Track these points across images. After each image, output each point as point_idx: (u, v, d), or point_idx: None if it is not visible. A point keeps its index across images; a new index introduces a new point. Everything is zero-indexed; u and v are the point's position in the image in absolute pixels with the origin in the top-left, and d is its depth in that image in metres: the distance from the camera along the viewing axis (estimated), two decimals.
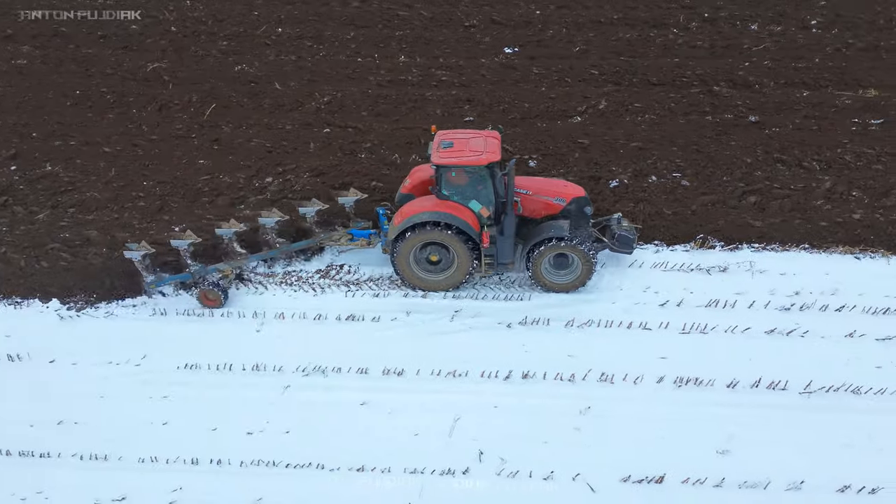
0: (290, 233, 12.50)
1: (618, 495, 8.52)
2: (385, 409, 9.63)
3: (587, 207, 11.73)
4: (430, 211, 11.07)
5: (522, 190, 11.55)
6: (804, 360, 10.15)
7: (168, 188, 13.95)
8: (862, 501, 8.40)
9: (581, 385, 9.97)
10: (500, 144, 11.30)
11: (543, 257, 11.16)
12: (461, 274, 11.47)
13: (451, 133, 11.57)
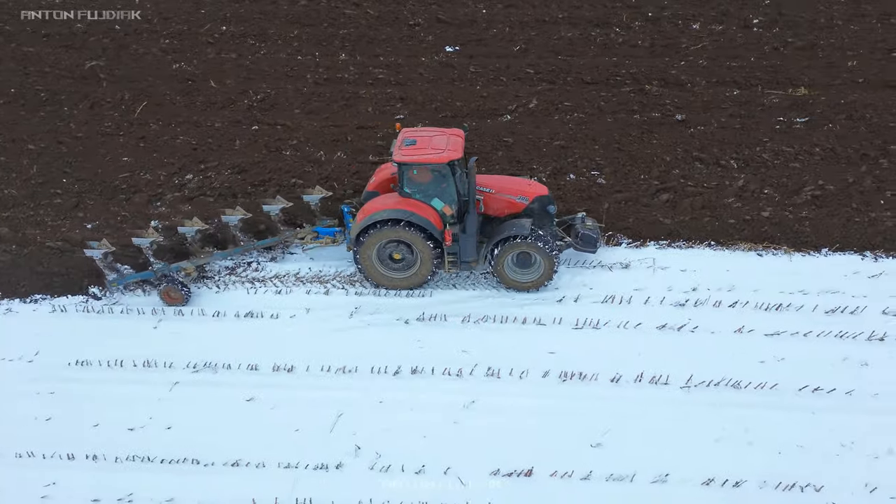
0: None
1: (486, 488, 8.62)
2: (270, 404, 9.70)
3: (550, 206, 11.74)
4: (391, 209, 11.11)
5: (485, 188, 11.59)
6: (690, 355, 10.25)
7: (87, 185, 14.00)
8: (725, 494, 8.51)
9: (468, 380, 10.06)
10: (463, 143, 11.32)
11: (505, 256, 11.21)
12: (424, 272, 11.48)
13: (416, 131, 11.62)
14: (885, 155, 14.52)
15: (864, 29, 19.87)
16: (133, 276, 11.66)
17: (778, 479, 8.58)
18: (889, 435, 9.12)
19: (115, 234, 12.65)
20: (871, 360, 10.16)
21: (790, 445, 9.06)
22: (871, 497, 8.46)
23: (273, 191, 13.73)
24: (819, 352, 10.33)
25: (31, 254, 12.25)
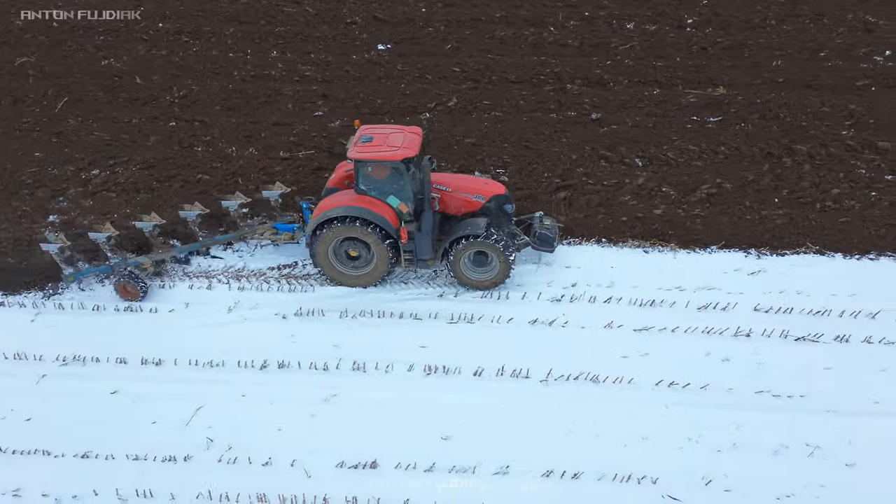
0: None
1: (330, 480, 8.73)
2: (132, 397, 9.82)
3: (507, 205, 11.71)
4: (346, 205, 11.09)
5: (442, 187, 11.59)
6: (555, 350, 10.38)
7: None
8: (562, 486, 8.62)
9: (334, 374, 10.17)
10: (420, 140, 11.24)
11: (461, 255, 11.24)
12: (381, 269, 11.47)
13: (374, 128, 11.53)
14: (789, 154, 14.63)
15: (795, 29, 19.97)
16: (89, 269, 11.71)
17: (616, 471, 8.70)
18: (735, 429, 9.25)
19: (13, 229, 12.80)
20: (732, 356, 10.29)
21: (636, 438, 9.17)
22: (706, 489, 8.57)
23: (233, 187, 13.68)
24: (683, 347, 10.45)
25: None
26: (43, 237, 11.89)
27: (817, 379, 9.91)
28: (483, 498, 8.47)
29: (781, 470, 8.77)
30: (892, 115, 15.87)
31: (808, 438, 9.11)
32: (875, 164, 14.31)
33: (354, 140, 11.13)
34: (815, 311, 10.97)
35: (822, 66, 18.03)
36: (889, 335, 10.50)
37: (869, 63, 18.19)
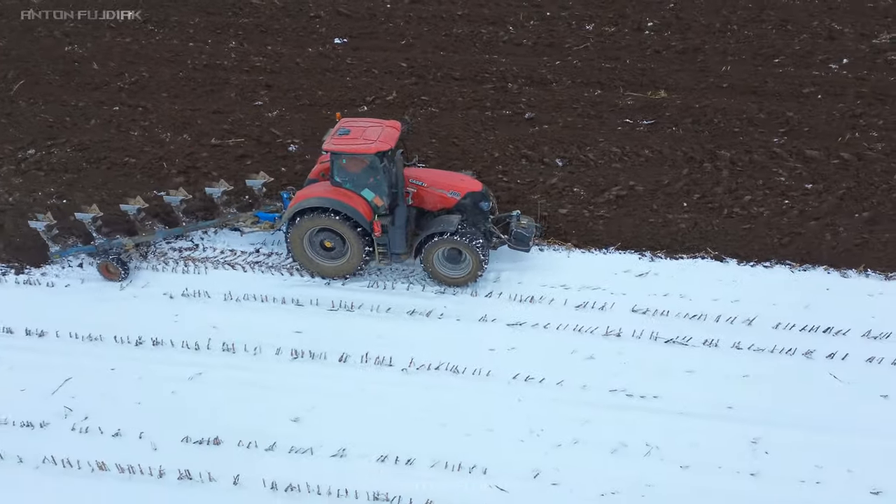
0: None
1: (174, 454, 9.02)
2: (8, 366, 10.26)
3: (484, 202, 11.67)
4: (319, 196, 11.21)
5: (418, 181, 11.64)
6: (423, 340, 10.54)
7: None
8: (395, 470, 8.78)
9: (204, 353, 10.48)
10: (397, 135, 11.26)
11: (433, 251, 11.28)
12: (354, 262, 11.56)
13: (353, 121, 11.62)
14: (712, 159, 14.52)
15: (756, 35, 19.71)
16: (76, 248, 12.11)
17: (449, 460, 8.84)
18: (580, 426, 9.31)
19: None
20: (597, 354, 10.34)
21: (480, 429, 9.30)
22: (533, 482, 8.67)
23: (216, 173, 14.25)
24: (551, 343, 10.54)
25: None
26: (32, 215, 12.25)
27: (676, 381, 9.91)
28: (317, 479, 8.68)
29: (614, 467, 8.82)
30: (828, 124, 15.64)
31: (649, 438, 9.14)
32: (797, 173, 14.13)
33: (332, 132, 11.26)
34: (692, 314, 10.94)
35: (772, 73, 17.80)
36: (759, 342, 10.44)
37: (822, 70, 17.89)
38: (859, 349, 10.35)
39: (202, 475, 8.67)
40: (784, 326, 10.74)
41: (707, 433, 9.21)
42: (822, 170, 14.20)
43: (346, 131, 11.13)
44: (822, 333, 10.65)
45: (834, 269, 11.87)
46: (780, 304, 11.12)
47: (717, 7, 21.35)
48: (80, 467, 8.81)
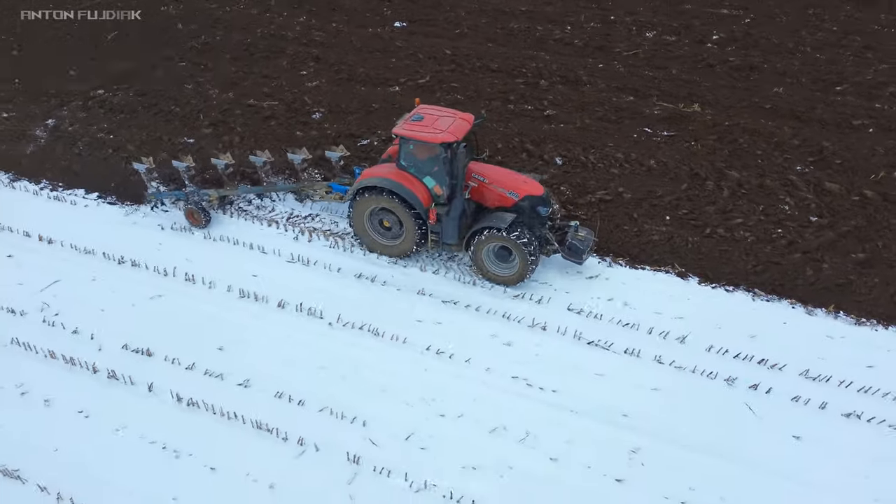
0: None
1: (113, 356, 10.23)
2: (15, 261, 12.02)
3: (542, 208, 11.49)
4: (381, 177, 11.47)
5: (480, 177, 11.60)
6: (362, 302, 11.18)
7: None
8: (288, 406, 9.47)
9: (169, 279, 11.67)
10: (467, 128, 11.17)
11: (483, 246, 11.31)
12: (408, 244, 11.78)
13: (429, 108, 11.62)
14: (719, 178, 13.95)
15: (828, 59, 18.48)
16: (168, 193, 13.27)
17: (336, 408, 9.43)
18: (471, 402, 9.57)
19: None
20: (516, 343, 10.46)
21: (375, 388, 9.77)
22: (405, 442, 9.02)
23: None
24: (475, 325, 10.79)
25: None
26: (136, 157, 13.69)
27: (581, 381, 9.89)
28: (217, 401, 9.59)
29: (485, 445, 9.04)
30: (866, 160, 14.52)
31: (530, 427, 9.25)
32: (805, 204, 13.28)
33: (407, 117, 11.41)
34: (626, 322, 10.80)
35: (827, 100, 16.67)
36: (684, 360, 10.14)
37: (887, 104, 16.53)
38: (788, 387, 9.79)
39: (126, 378, 9.87)
40: (717, 350, 10.35)
41: (589, 434, 9.18)
42: (835, 204, 13.27)
43: (420, 118, 11.20)
44: (756, 364, 10.15)
45: (801, 304, 11.20)
46: (724, 329, 10.69)
47: (797, 27, 20.22)
48: (36, 352, 10.29)
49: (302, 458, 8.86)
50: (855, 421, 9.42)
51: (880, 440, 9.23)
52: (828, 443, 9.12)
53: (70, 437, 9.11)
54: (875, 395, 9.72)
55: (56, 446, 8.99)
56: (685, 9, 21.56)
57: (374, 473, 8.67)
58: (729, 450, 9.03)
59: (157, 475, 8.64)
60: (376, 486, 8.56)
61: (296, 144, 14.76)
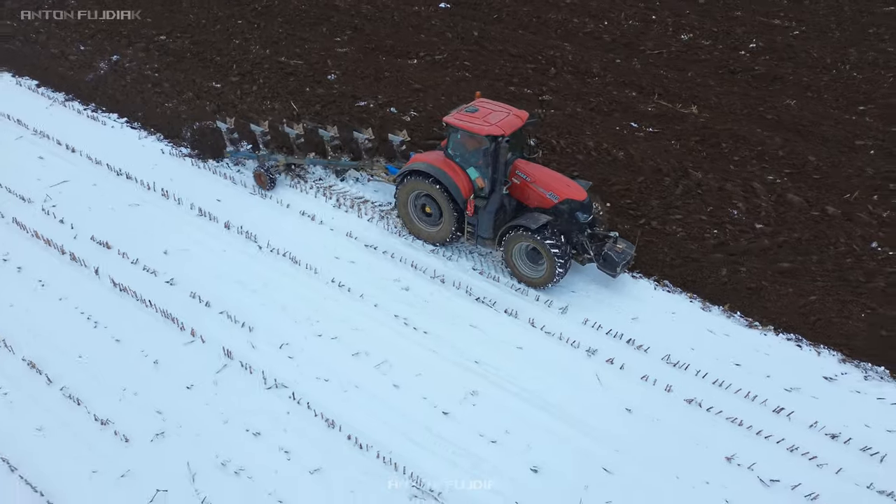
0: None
1: (82, 244, 12.23)
2: (43, 162, 14.45)
3: (581, 213, 11.14)
4: (426, 163, 11.56)
5: (523, 175, 11.38)
6: (291, 232, 12.53)
7: None
8: (197, 306, 11.04)
9: (152, 193, 13.65)
10: (518, 125, 11.03)
11: (514, 244, 11.20)
12: (444, 233, 11.89)
13: (486, 102, 11.53)
14: (680, 177, 13.94)
15: (866, 79, 17.56)
16: (243, 153, 14.30)
17: (237, 315, 10.85)
18: (350, 332, 10.63)
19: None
20: (433, 300, 11.44)
21: (276, 306, 11.09)
22: (279, 350, 10.29)
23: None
24: (381, 271, 11.84)
25: None
26: (222, 117, 14.91)
27: (453, 328, 10.64)
28: (145, 291, 11.21)
29: (344, 364, 10.05)
30: (848, 179, 13.97)
31: (391, 357, 10.14)
32: (758, 212, 13.05)
33: (462, 108, 11.43)
34: (517, 287, 11.39)
35: (839, 118, 15.96)
36: (556, 327, 10.63)
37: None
38: (643, 367, 10.04)
39: (82, 261, 11.85)
40: (593, 324, 10.72)
41: (439, 372, 9.97)
42: (789, 216, 12.94)
43: (475, 109, 11.19)
44: (624, 342, 10.44)
45: (700, 299, 11.23)
46: (611, 308, 11.02)
47: (848, 45, 19.22)
48: (26, 232, 12.54)
49: (189, 346, 10.36)
50: (695, 408, 9.57)
51: (707, 426, 9.35)
52: (655, 421, 9.37)
53: (25, 298, 11.18)
54: (727, 389, 9.77)
55: (11, 303, 11.11)
56: (735, 16, 21.04)
57: (240, 368, 10.02)
58: (558, 407, 9.51)
59: (75, 335, 10.47)
60: (237, 378, 9.88)
61: (305, 98, 16.42)
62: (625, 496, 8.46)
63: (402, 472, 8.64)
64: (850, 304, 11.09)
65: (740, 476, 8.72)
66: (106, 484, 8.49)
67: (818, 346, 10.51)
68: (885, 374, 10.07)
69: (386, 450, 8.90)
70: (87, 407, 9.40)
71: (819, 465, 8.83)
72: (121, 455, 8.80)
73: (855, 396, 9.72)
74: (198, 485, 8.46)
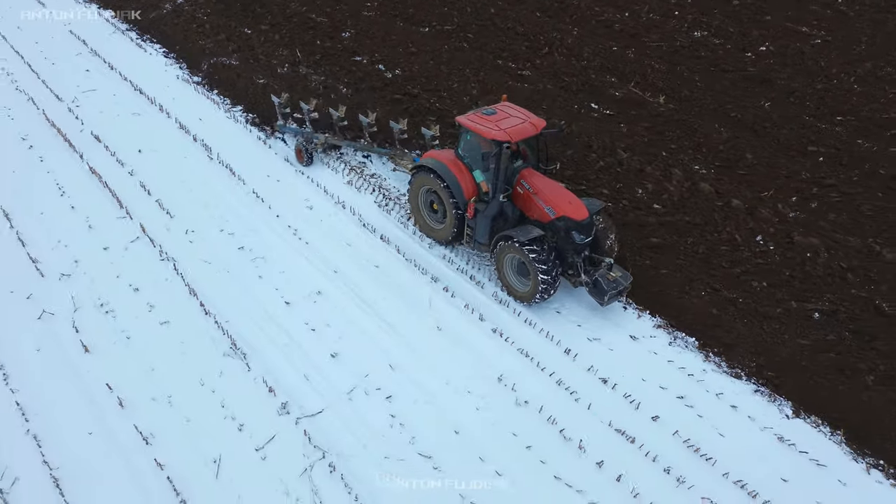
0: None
1: (83, 138, 15.13)
2: (90, 77, 17.59)
3: (577, 234, 10.67)
4: (435, 160, 11.61)
5: (527, 185, 11.09)
6: (276, 188, 14.67)
7: None
8: (163, 221, 13.39)
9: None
10: (531, 133, 10.84)
11: (504, 254, 10.98)
12: (445, 232, 11.88)
13: (508, 106, 11.37)
14: (606, 154, 14.49)
15: (864, 92, 16.88)
16: (290, 129, 15.10)
17: (197, 228, 13.15)
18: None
19: None
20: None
21: (252, 233, 13.28)
22: (225, 274, 12.45)
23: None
24: (338, 227, 13.64)
25: None
26: (276, 91, 16.12)
27: (374, 282, 12.01)
28: (110, 178, 13.82)
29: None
30: (778, 178, 13.90)
31: (310, 288, 12.01)
32: (661, 194, 13.43)
33: (480, 109, 11.38)
34: (416, 232, 12.76)
35: (809, 124, 15.67)
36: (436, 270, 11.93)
37: (869, 141, 15.00)
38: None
39: (76, 148, 14.73)
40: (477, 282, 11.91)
41: (332, 302, 11.64)
42: (692, 201, 13.23)
43: (492, 112, 11.08)
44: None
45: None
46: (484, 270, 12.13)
47: (870, 59, 18.45)
48: (47, 121, 15.67)
49: (119, 220, 12.78)
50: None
51: (493, 351, 10.38)
52: (458, 341, 10.54)
53: (24, 168, 14.23)
54: (533, 327, 10.68)
55: (14, 169, 14.16)
56: (762, 20, 20.57)
57: (148, 242, 12.28)
58: (389, 323, 10.83)
59: (45, 199, 13.29)
60: (143, 248, 12.16)
61: (312, 50, 18.53)
62: (396, 387, 9.77)
63: (229, 336, 10.48)
64: (696, 282, 11.47)
65: (501, 392, 9.75)
66: (18, 302, 11.05)
67: (644, 311, 11.07)
68: (693, 345, 10.50)
69: (223, 319, 10.79)
70: (29, 247, 12.09)
71: (576, 399, 9.64)
72: (36, 285, 11.35)
73: (649, 356, 10.28)
74: (77, 315, 10.79)
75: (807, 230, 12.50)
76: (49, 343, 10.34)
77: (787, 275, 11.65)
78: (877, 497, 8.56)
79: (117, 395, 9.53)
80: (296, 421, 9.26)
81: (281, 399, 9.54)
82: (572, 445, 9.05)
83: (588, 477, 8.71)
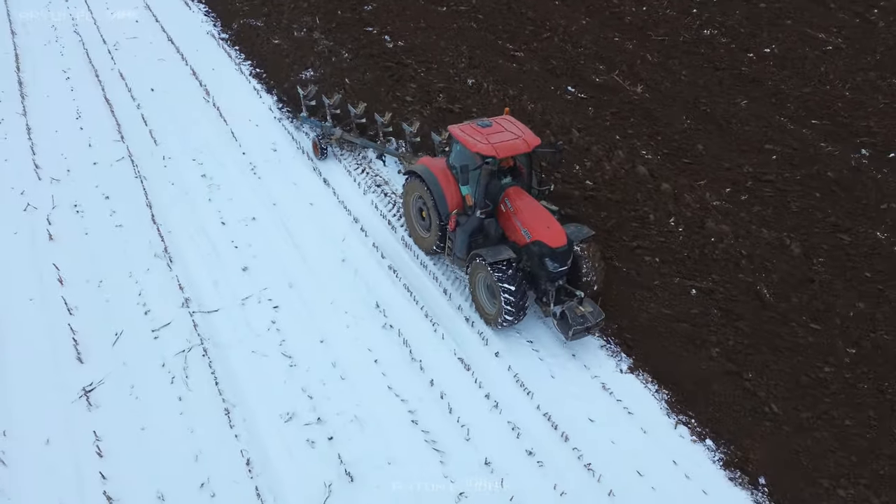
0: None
1: (113, 78, 17.47)
2: (129, 50, 20.06)
3: (550, 261, 10.14)
4: (425, 167, 11.44)
5: (510, 205, 10.73)
6: (276, 178, 16.49)
7: None
8: (149, 163, 15.54)
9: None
10: (521, 150, 10.47)
11: (476, 273, 10.63)
12: (430, 242, 11.72)
13: (506, 121, 11.01)
14: (561, 133, 15.13)
15: (852, 99, 16.53)
16: (310, 120, 15.43)
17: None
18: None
19: None
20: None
21: (238, 208, 15.18)
22: (204, 241, 14.37)
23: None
24: (329, 218, 15.28)
25: None
26: (302, 83, 16.65)
27: (322, 243, 13.77)
28: (121, 108, 16.09)
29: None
30: (715, 170, 14.08)
31: (256, 250, 13.71)
32: (593, 172, 13.94)
33: (477, 120, 11.11)
34: (386, 203, 14.11)
35: (779, 124, 15.63)
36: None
37: (836, 145, 14.79)
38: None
39: (101, 82, 17.12)
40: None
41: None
42: (622, 181, 13.60)
43: (488, 124, 10.78)
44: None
45: None
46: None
47: (871, 68, 18.04)
48: (88, 60, 18.21)
49: (115, 143, 14.95)
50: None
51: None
52: (356, 273, 11.77)
53: (58, 91, 16.81)
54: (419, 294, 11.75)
55: (48, 94, 16.69)
56: (782, 24, 20.23)
57: (130, 163, 14.33)
58: (305, 247, 12.24)
59: (61, 117, 15.72)
60: (125, 167, 14.22)
61: (330, 19, 20.17)
62: (286, 301, 11.19)
63: (164, 242, 12.26)
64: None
65: (372, 316, 10.95)
66: (13, 196, 13.32)
67: None
68: None
69: (166, 229, 12.61)
70: (37, 156, 14.45)
71: (442, 336, 10.67)
72: (33, 185, 13.60)
73: None
74: (54, 212, 12.92)
75: (723, 218, 12.75)
76: (24, 230, 12.54)
77: (684, 255, 12.03)
78: (670, 448, 9.08)
79: (60, 274, 11.52)
80: (191, 314, 10.89)
81: (186, 295, 11.21)
82: (416, 366, 10.15)
83: (417, 389, 9.84)
